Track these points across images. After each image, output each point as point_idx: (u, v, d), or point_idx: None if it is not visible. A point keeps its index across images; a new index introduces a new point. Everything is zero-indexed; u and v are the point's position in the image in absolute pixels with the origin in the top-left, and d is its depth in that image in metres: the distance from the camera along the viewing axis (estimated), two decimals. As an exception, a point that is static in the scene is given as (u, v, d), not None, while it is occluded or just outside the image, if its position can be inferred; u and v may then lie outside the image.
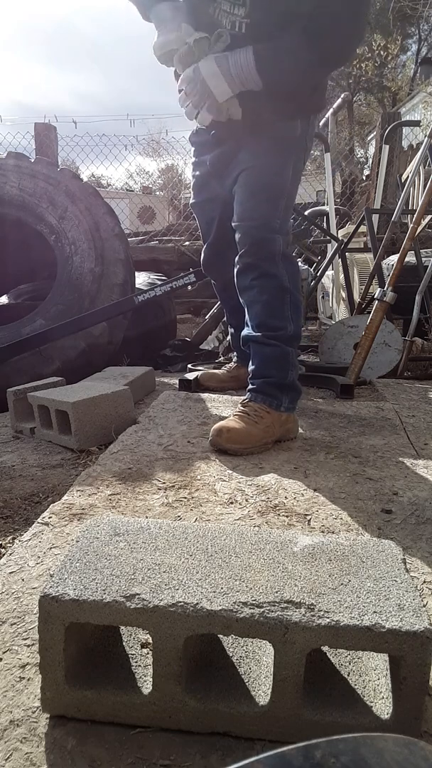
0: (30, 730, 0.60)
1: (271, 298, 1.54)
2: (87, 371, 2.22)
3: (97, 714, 0.60)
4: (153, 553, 0.66)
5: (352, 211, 5.42)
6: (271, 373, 1.53)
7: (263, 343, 1.54)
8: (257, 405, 1.49)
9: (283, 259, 1.55)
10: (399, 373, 2.52)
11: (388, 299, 2.21)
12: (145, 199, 9.79)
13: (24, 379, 2.07)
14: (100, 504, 1.11)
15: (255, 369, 1.56)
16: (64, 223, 2.49)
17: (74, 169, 6.50)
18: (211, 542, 0.70)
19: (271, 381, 1.52)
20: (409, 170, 3.43)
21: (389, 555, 0.68)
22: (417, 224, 2.31)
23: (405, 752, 0.28)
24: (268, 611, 0.57)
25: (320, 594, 0.59)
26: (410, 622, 0.55)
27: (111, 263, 2.47)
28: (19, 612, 0.78)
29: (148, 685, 0.59)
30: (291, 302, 1.55)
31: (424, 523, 1.06)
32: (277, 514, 1.09)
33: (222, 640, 0.67)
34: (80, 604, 0.57)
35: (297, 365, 1.61)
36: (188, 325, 3.98)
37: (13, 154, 2.66)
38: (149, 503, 1.13)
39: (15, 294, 3.54)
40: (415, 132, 6.65)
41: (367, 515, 1.09)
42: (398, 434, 1.61)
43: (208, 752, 0.58)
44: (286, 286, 1.54)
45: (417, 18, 14.47)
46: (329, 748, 0.27)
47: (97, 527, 0.73)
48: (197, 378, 2.12)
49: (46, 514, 1.07)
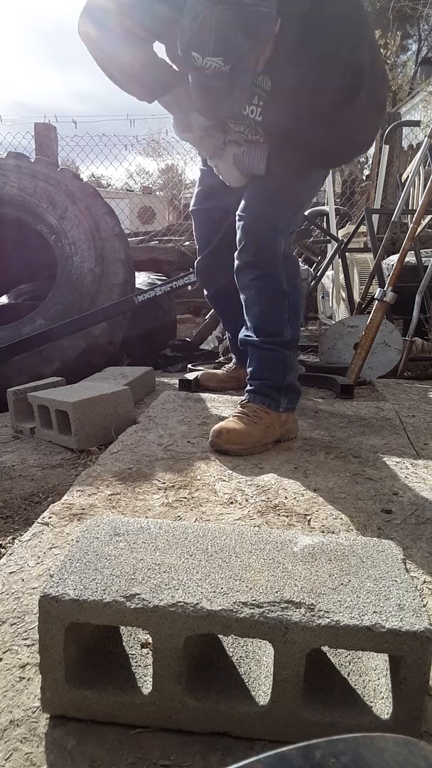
0: (30, 730, 0.60)
1: (269, 301, 1.53)
2: (87, 371, 2.22)
3: (97, 714, 0.60)
4: (153, 553, 0.66)
5: (352, 211, 5.41)
6: (269, 376, 1.52)
7: (261, 348, 1.53)
8: (256, 406, 1.49)
9: (284, 259, 1.54)
10: (399, 373, 2.52)
11: (388, 299, 2.21)
12: (145, 199, 9.78)
13: (24, 379, 2.07)
14: (100, 504, 1.11)
15: (253, 371, 1.55)
16: (64, 223, 2.49)
17: (74, 169, 6.50)
18: (211, 542, 0.70)
19: (269, 383, 1.52)
20: (409, 170, 3.43)
21: (389, 555, 0.68)
22: (417, 224, 2.31)
23: (405, 752, 0.28)
24: (268, 611, 0.57)
25: (320, 594, 0.59)
26: (410, 622, 0.55)
27: (111, 263, 2.47)
28: (19, 612, 0.78)
29: (148, 685, 0.59)
30: (289, 306, 1.54)
31: (424, 523, 1.06)
32: (277, 514, 1.09)
33: (222, 640, 0.67)
34: (80, 604, 0.57)
35: (296, 367, 1.60)
36: (188, 325, 3.98)
37: (13, 154, 2.66)
38: (149, 503, 1.13)
39: (15, 294, 3.54)
40: (415, 132, 6.65)
41: (367, 515, 1.09)
42: (398, 434, 1.61)
43: (208, 752, 0.58)
44: (284, 290, 1.52)
45: (417, 18, 14.46)
46: (329, 748, 0.27)
47: (97, 527, 0.73)
48: (197, 378, 2.11)
49: (46, 514, 1.07)
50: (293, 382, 1.56)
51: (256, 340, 1.53)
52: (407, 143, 6.76)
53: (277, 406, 1.49)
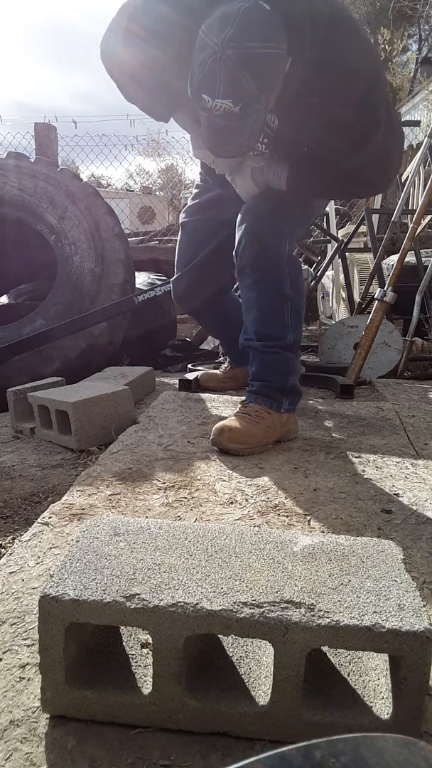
0: (30, 730, 0.60)
1: (270, 306, 1.51)
2: (87, 371, 2.23)
3: (97, 714, 0.60)
4: (153, 553, 0.66)
5: (352, 211, 5.41)
6: (270, 378, 1.52)
7: (262, 351, 1.52)
8: (257, 406, 1.48)
9: (288, 261, 1.53)
10: (399, 373, 2.52)
11: (388, 299, 2.21)
12: (145, 199, 9.78)
13: (24, 379, 2.07)
14: (100, 504, 1.11)
15: (255, 372, 1.55)
16: (64, 223, 2.49)
17: (74, 169, 6.50)
18: (211, 542, 0.70)
19: (271, 385, 1.52)
20: (409, 170, 3.43)
21: (389, 555, 0.68)
22: (417, 224, 2.31)
23: (405, 752, 0.28)
24: (268, 611, 0.57)
25: (320, 594, 0.59)
26: (410, 622, 0.55)
27: (111, 263, 2.47)
28: (19, 612, 0.78)
29: (148, 685, 0.59)
30: (291, 309, 1.52)
31: (424, 523, 1.06)
32: (277, 514, 1.09)
33: (222, 640, 0.67)
34: (80, 604, 0.57)
35: (298, 368, 1.60)
36: (188, 325, 3.97)
37: (13, 154, 2.66)
38: (149, 503, 1.13)
39: (15, 294, 3.54)
40: (415, 132, 6.65)
41: (367, 515, 1.09)
42: (398, 434, 1.61)
43: (208, 752, 0.58)
44: (286, 293, 1.51)
45: (417, 18, 14.46)
46: (329, 748, 0.27)
47: (97, 527, 0.73)
48: (197, 378, 2.11)
49: (46, 514, 1.07)
50: (295, 383, 1.56)
51: (258, 344, 1.52)
52: (407, 143, 6.76)
53: (278, 406, 1.49)
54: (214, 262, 1.80)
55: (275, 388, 1.51)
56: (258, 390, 1.52)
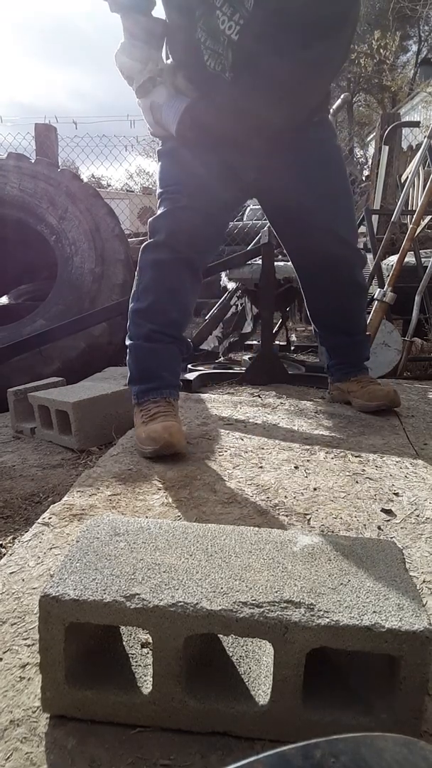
0: (30, 730, 0.60)
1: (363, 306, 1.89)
2: (87, 371, 2.23)
3: (97, 714, 0.60)
4: (153, 553, 0.66)
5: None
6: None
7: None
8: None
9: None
10: (399, 374, 2.52)
11: (388, 299, 2.21)
12: (145, 199, 9.78)
13: (24, 379, 2.07)
14: (100, 504, 1.11)
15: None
16: (64, 223, 2.49)
17: (74, 169, 6.49)
18: (211, 542, 0.70)
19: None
20: (409, 171, 3.43)
21: (389, 555, 0.68)
22: (416, 225, 2.31)
23: (405, 752, 0.28)
24: (267, 611, 0.57)
25: (320, 594, 0.59)
26: (410, 622, 0.55)
27: (111, 263, 2.47)
28: (20, 612, 0.78)
29: (148, 685, 0.60)
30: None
31: (424, 523, 1.06)
32: (277, 514, 1.09)
33: (222, 640, 0.67)
34: (80, 604, 0.57)
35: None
36: (188, 325, 3.97)
37: (14, 154, 2.67)
38: (149, 503, 1.13)
39: (15, 294, 3.54)
40: (415, 133, 6.65)
41: (367, 515, 1.09)
42: (398, 434, 1.61)
43: (208, 752, 0.58)
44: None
45: (417, 18, 14.45)
46: (329, 748, 0.27)
47: (97, 527, 0.73)
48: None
49: (47, 514, 1.07)
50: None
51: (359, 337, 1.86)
52: (407, 144, 6.76)
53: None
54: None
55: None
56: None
